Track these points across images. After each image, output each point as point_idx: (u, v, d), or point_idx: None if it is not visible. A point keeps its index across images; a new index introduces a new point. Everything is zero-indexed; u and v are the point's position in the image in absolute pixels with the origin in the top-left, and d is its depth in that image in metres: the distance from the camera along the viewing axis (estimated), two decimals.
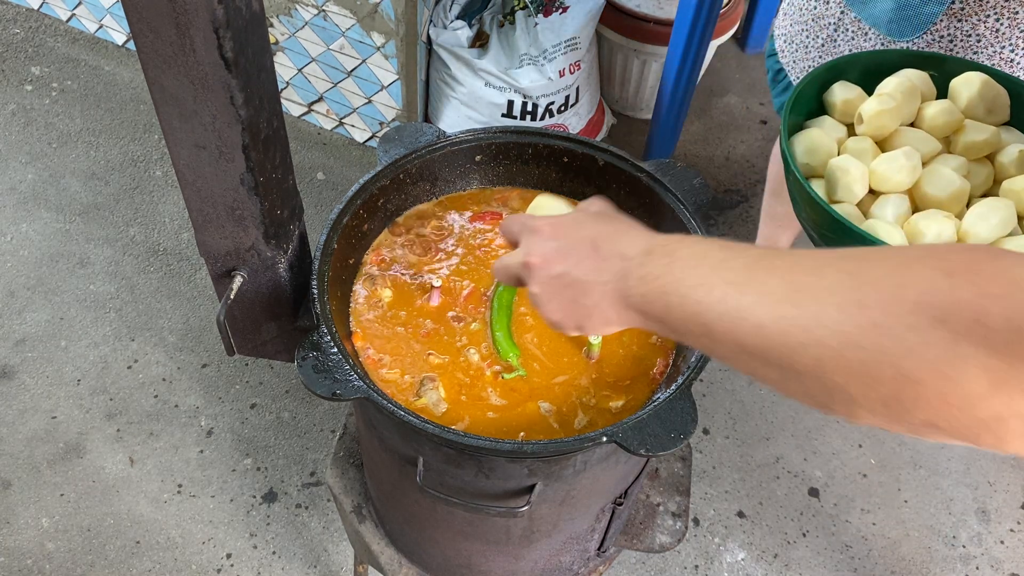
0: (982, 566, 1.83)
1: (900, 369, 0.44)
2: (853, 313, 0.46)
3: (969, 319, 0.42)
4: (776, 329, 0.50)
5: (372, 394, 0.89)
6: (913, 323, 0.44)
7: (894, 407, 0.46)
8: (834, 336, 0.47)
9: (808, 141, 1.04)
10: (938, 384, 0.43)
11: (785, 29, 1.52)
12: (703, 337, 0.56)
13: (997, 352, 0.41)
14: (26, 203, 2.35)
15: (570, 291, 0.67)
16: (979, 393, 0.42)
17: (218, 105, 0.79)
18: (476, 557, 1.21)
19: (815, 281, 0.49)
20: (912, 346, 0.44)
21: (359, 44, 2.22)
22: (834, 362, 0.47)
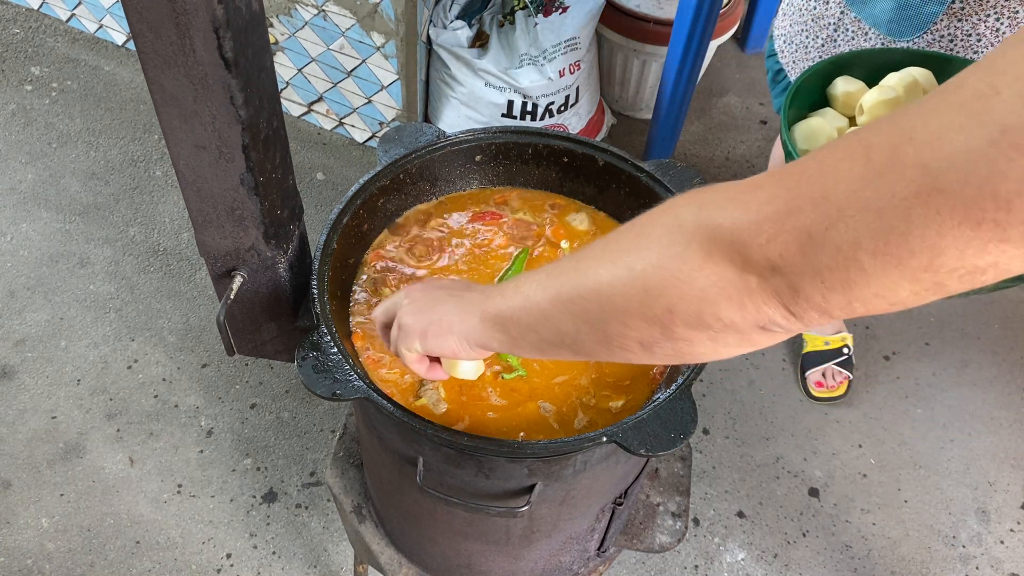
0: (982, 566, 1.83)
1: (648, 259, 0.55)
2: (624, 232, 0.59)
3: (695, 208, 0.53)
4: (576, 270, 0.61)
5: (372, 394, 0.89)
6: (661, 223, 0.55)
7: (645, 297, 0.55)
8: (611, 252, 0.59)
9: (808, 128, 1.05)
10: (671, 263, 0.53)
11: (785, 29, 1.52)
12: (540, 324, 0.65)
13: (708, 228, 0.51)
14: (26, 203, 2.35)
15: (430, 313, 0.78)
16: (697, 264, 0.52)
17: (218, 105, 0.79)
18: (476, 557, 1.21)
19: (612, 235, 0.61)
20: (657, 238, 0.55)
21: (359, 44, 2.22)
22: (609, 272, 0.58)
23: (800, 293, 0.48)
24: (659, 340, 0.57)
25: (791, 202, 0.46)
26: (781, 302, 0.49)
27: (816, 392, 2.04)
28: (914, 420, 2.04)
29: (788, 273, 0.47)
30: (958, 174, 0.38)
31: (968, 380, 2.11)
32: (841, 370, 2.03)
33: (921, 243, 0.41)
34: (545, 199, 1.21)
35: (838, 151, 0.45)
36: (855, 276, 0.44)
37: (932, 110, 0.41)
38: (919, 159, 0.40)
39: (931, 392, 2.09)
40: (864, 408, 2.05)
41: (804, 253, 0.46)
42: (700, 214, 0.52)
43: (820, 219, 0.45)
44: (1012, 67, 0.38)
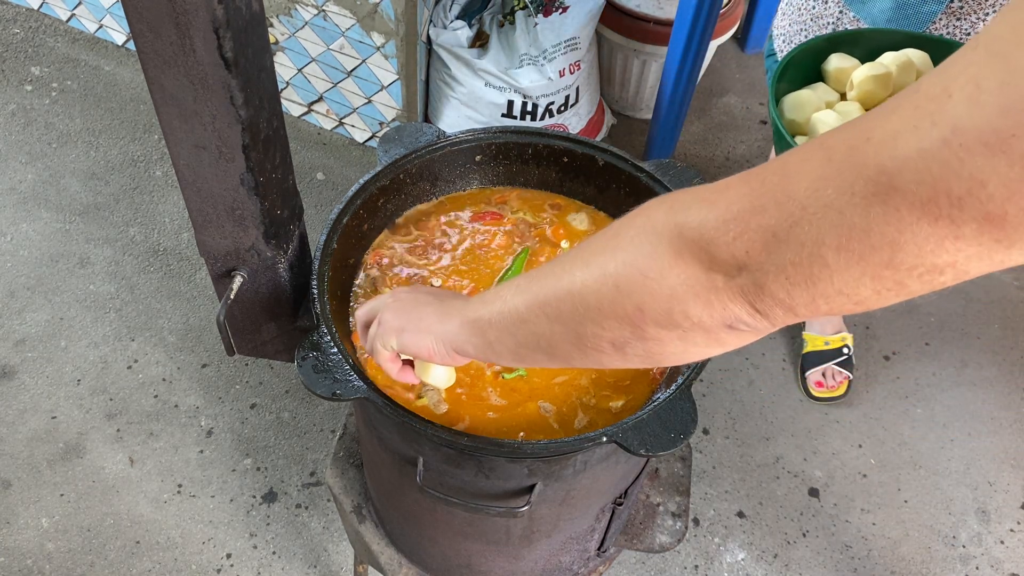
0: (982, 566, 1.83)
1: (620, 260, 0.56)
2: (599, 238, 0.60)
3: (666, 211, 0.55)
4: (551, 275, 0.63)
5: (372, 394, 0.89)
6: (634, 224, 0.57)
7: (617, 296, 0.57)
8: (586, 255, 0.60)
9: (796, 99, 1.05)
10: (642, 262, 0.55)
11: (784, 29, 1.52)
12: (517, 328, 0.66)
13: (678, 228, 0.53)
14: (26, 203, 2.35)
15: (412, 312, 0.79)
16: (667, 264, 0.53)
17: (218, 105, 0.79)
18: (476, 557, 1.20)
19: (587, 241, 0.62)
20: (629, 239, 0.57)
21: (359, 44, 2.22)
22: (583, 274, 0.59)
23: (765, 290, 0.49)
24: (630, 340, 0.58)
25: (756, 201, 0.48)
26: (747, 300, 0.51)
27: (816, 392, 2.04)
28: (914, 420, 2.04)
29: (753, 271, 0.49)
30: (913, 173, 0.40)
31: (968, 380, 2.11)
32: (841, 370, 2.03)
33: (881, 239, 0.42)
34: (545, 199, 1.21)
35: (801, 153, 0.47)
36: (818, 272, 0.46)
37: (891, 111, 0.42)
38: (877, 158, 0.42)
39: (931, 392, 2.09)
40: (864, 408, 2.05)
41: (768, 251, 0.47)
42: (671, 215, 0.54)
43: (784, 217, 0.46)
44: (964, 71, 0.39)
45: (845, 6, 1.36)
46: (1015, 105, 0.36)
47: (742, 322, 0.52)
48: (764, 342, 2.15)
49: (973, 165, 0.38)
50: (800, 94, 1.06)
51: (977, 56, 0.38)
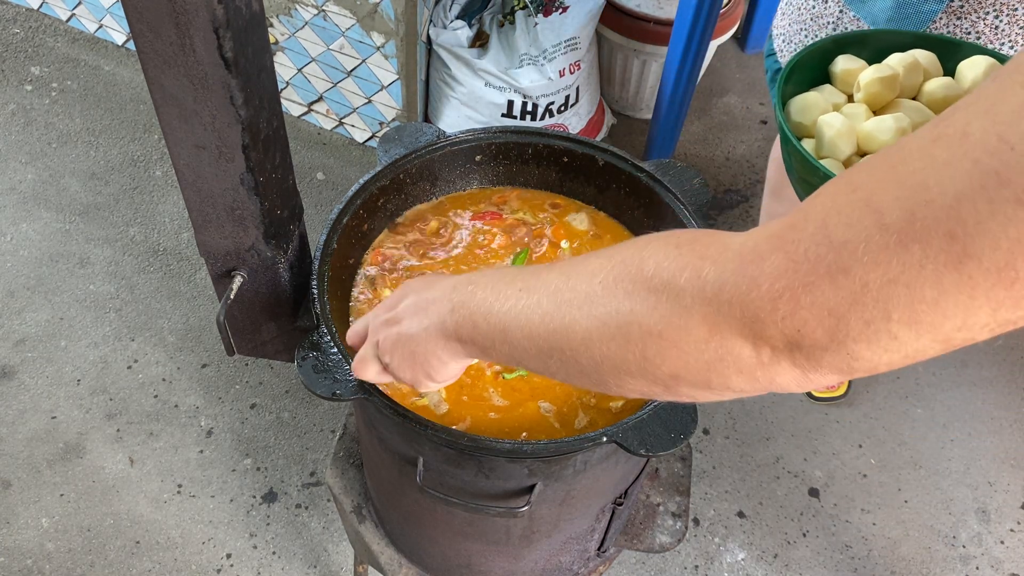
0: (982, 566, 1.83)
1: (643, 326, 0.52)
2: (610, 286, 0.55)
3: (691, 278, 0.50)
4: (557, 313, 0.58)
5: (372, 394, 0.89)
6: (652, 286, 0.52)
7: (645, 364, 0.53)
8: (597, 308, 0.56)
9: (802, 101, 1.05)
10: (672, 334, 0.51)
11: (784, 29, 1.52)
12: (504, 344, 0.63)
13: (712, 302, 0.49)
14: (26, 203, 2.35)
15: (407, 347, 0.73)
16: (702, 337, 0.50)
17: (218, 105, 0.79)
18: (476, 557, 1.20)
19: (583, 267, 0.58)
20: (652, 305, 0.52)
21: (359, 44, 2.22)
22: (599, 331, 0.55)
23: (822, 364, 0.46)
24: (661, 394, 0.56)
25: (804, 277, 0.44)
26: (798, 372, 0.48)
27: (816, 392, 2.04)
28: (914, 420, 2.04)
29: (809, 348, 0.46)
30: (987, 238, 0.37)
31: (968, 380, 2.11)
32: None
33: (955, 308, 0.40)
34: (545, 199, 1.21)
35: (842, 212, 0.43)
36: (886, 345, 0.43)
37: (944, 163, 0.39)
38: (944, 226, 0.38)
39: (931, 392, 2.09)
40: (864, 408, 2.05)
41: (827, 329, 0.44)
42: (700, 285, 0.50)
43: (842, 295, 0.43)
44: (1021, 115, 0.36)
45: (845, 5, 1.36)
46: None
47: (786, 389, 0.50)
48: None
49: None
50: (807, 96, 1.05)
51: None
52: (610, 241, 1.17)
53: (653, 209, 1.13)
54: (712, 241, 0.51)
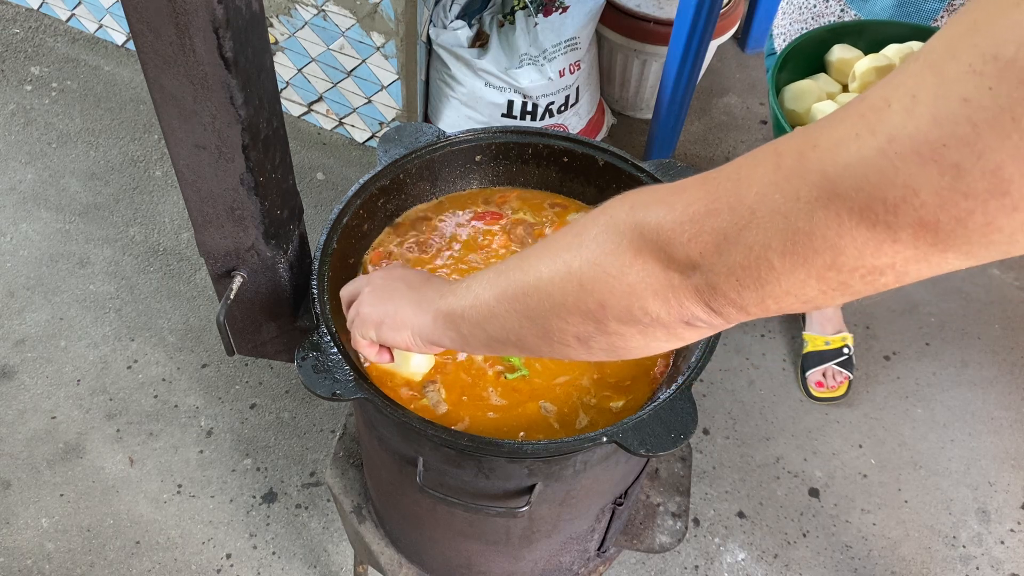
0: (982, 566, 1.83)
1: (582, 255, 0.59)
2: (563, 233, 0.62)
3: (627, 208, 0.57)
4: (518, 266, 0.66)
5: (372, 394, 0.89)
6: (597, 222, 0.59)
7: (580, 293, 0.59)
8: (549, 250, 0.63)
9: (797, 89, 1.04)
10: (604, 259, 0.57)
11: (784, 28, 1.52)
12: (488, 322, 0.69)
13: (637, 227, 0.55)
14: (26, 203, 2.35)
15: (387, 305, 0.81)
16: (627, 261, 0.55)
17: (218, 105, 0.79)
18: (476, 557, 1.20)
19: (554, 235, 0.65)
20: (593, 235, 0.58)
21: (359, 44, 2.22)
22: (548, 268, 0.62)
23: (717, 290, 0.51)
24: (594, 334, 0.60)
25: (710, 204, 0.50)
26: (701, 298, 0.53)
27: (816, 392, 2.04)
28: (914, 420, 2.04)
29: (706, 271, 0.51)
30: (852, 180, 0.42)
31: (968, 380, 2.11)
32: (841, 370, 2.03)
33: (823, 243, 0.44)
34: (545, 199, 1.21)
35: (754, 158, 0.49)
36: (766, 274, 0.48)
37: (838, 120, 0.43)
38: (821, 165, 0.43)
39: (931, 392, 2.09)
40: (864, 408, 2.05)
41: (720, 252, 0.49)
42: (632, 214, 0.56)
43: (735, 221, 0.48)
44: (904, 82, 0.40)
45: (846, 4, 1.36)
46: (946, 116, 0.37)
47: (698, 319, 0.55)
48: (764, 342, 2.15)
49: (907, 173, 0.39)
50: (801, 84, 1.05)
51: (916, 68, 0.40)
52: None
53: None
54: (654, 185, 0.58)
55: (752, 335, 2.16)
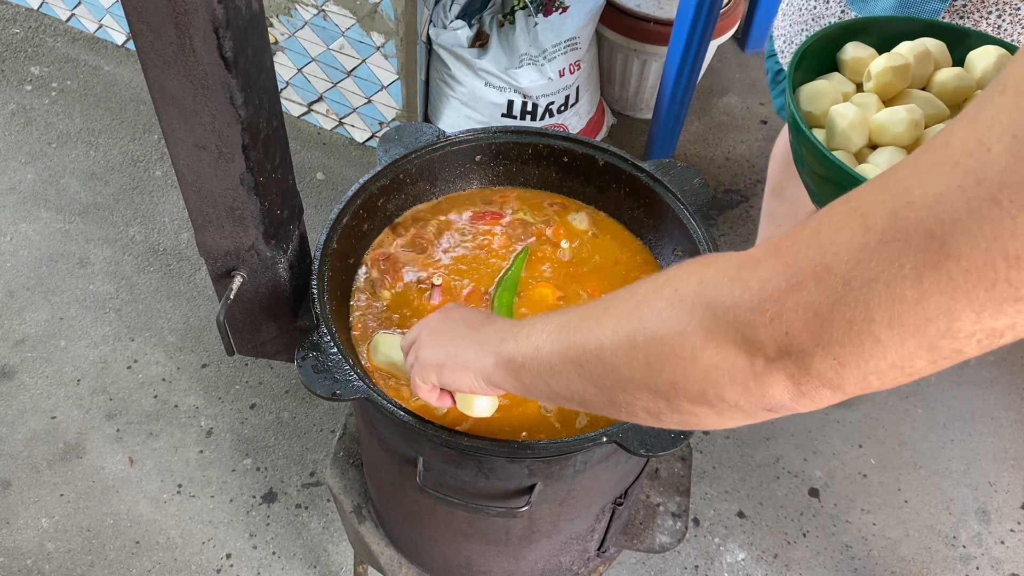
0: (982, 566, 1.83)
1: (648, 331, 0.55)
2: (626, 298, 0.59)
3: (695, 283, 0.53)
4: (580, 328, 0.62)
5: (372, 394, 0.89)
6: (661, 294, 0.55)
7: (648, 371, 0.55)
8: (612, 317, 0.59)
9: (812, 90, 1.04)
10: (672, 339, 0.53)
11: (784, 30, 1.52)
12: (550, 377, 0.66)
13: (709, 307, 0.51)
14: (26, 203, 2.35)
15: (447, 348, 0.79)
16: (699, 343, 0.51)
17: (218, 105, 0.79)
18: (476, 557, 1.20)
19: (615, 297, 0.62)
20: (658, 310, 0.55)
21: (359, 44, 2.22)
22: (611, 339, 0.58)
23: (811, 371, 0.46)
24: (664, 411, 0.57)
25: (791, 278, 0.45)
26: (790, 383, 0.48)
27: None
28: (914, 420, 2.04)
29: (796, 353, 0.46)
30: (965, 237, 0.38)
31: (968, 380, 2.11)
32: None
33: (936, 309, 0.40)
34: (545, 199, 1.21)
35: (833, 219, 0.44)
36: (870, 349, 0.43)
37: (927, 168, 0.40)
38: (923, 225, 0.39)
39: (931, 392, 2.09)
40: (864, 408, 2.05)
41: (811, 331, 0.45)
42: (701, 290, 0.52)
43: (825, 294, 0.43)
44: (996, 119, 0.37)
45: (847, 6, 1.36)
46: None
47: (782, 406, 0.50)
48: None
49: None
50: (816, 85, 1.04)
51: (1007, 102, 0.36)
52: (610, 241, 1.17)
53: (653, 209, 1.13)
54: (722, 254, 0.53)
55: None
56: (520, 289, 1.10)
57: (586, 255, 1.15)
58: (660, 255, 1.14)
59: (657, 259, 1.14)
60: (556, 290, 1.11)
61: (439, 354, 0.80)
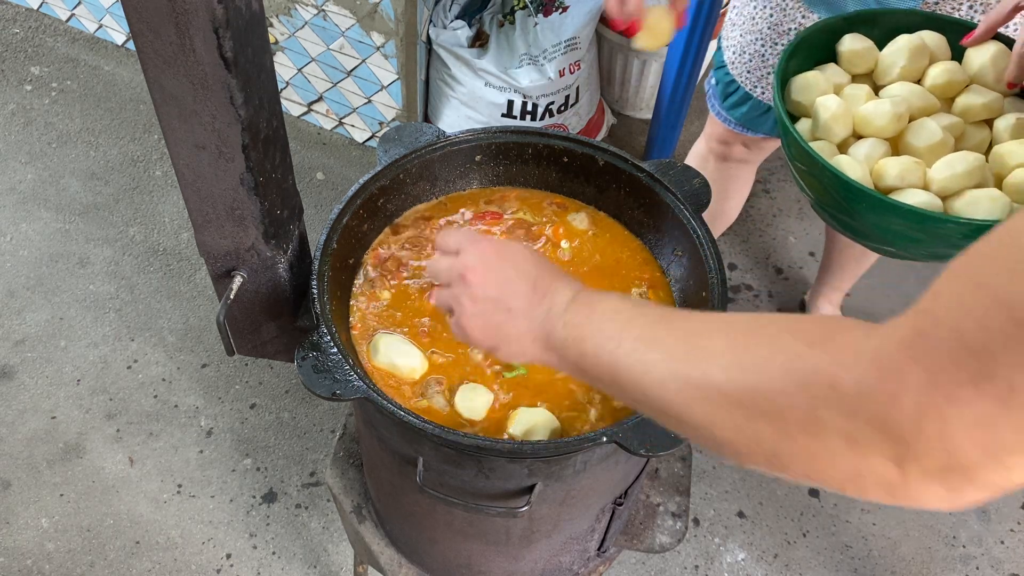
0: (982, 566, 1.83)
1: (775, 428, 0.49)
2: (735, 376, 0.52)
3: (825, 385, 0.47)
4: (674, 386, 0.56)
5: (372, 394, 0.89)
6: (781, 388, 0.49)
7: (775, 462, 0.51)
8: (720, 396, 0.53)
9: (803, 81, 1.04)
10: (806, 442, 0.48)
11: (734, 40, 1.48)
12: (612, 386, 0.63)
13: (849, 415, 0.45)
14: (26, 203, 2.35)
15: (499, 316, 0.73)
16: (838, 451, 0.46)
17: (218, 105, 0.79)
18: (476, 557, 1.20)
19: (707, 344, 0.56)
20: (782, 408, 0.49)
21: (359, 44, 2.22)
22: (721, 420, 0.53)
23: (977, 481, 0.43)
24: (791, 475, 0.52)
25: (947, 391, 0.41)
26: (947, 491, 0.44)
27: None
28: None
29: (963, 468, 0.43)
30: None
31: None
32: None
33: None
34: (545, 199, 1.21)
35: (973, 315, 0.41)
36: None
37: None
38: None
39: None
40: None
41: (979, 445, 0.41)
42: (834, 395, 0.46)
43: (989, 404, 0.40)
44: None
45: (807, 10, 1.32)
46: None
47: (931, 507, 0.46)
48: None
49: None
50: (807, 76, 1.05)
51: None
52: (610, 241, 1.17)
53: (653, 209, 1.13)
54: (846, 342, 0.48)
55: None
56: None
57: (586, 255, 1.15)
58: (660, 255, 1.14)
59: (657, 259, 1.14)
60: None
61: (489, 337, 0.74)
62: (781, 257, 2.32)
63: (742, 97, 1.51)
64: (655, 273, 1.13)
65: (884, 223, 0.94)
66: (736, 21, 1.47)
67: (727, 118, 1.58)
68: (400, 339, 1.04)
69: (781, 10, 1.35)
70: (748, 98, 1.50)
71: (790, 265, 2.30)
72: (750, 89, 1.48)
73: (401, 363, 1.01)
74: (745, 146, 1.64)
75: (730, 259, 2.32)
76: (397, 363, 1.01)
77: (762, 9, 1.39)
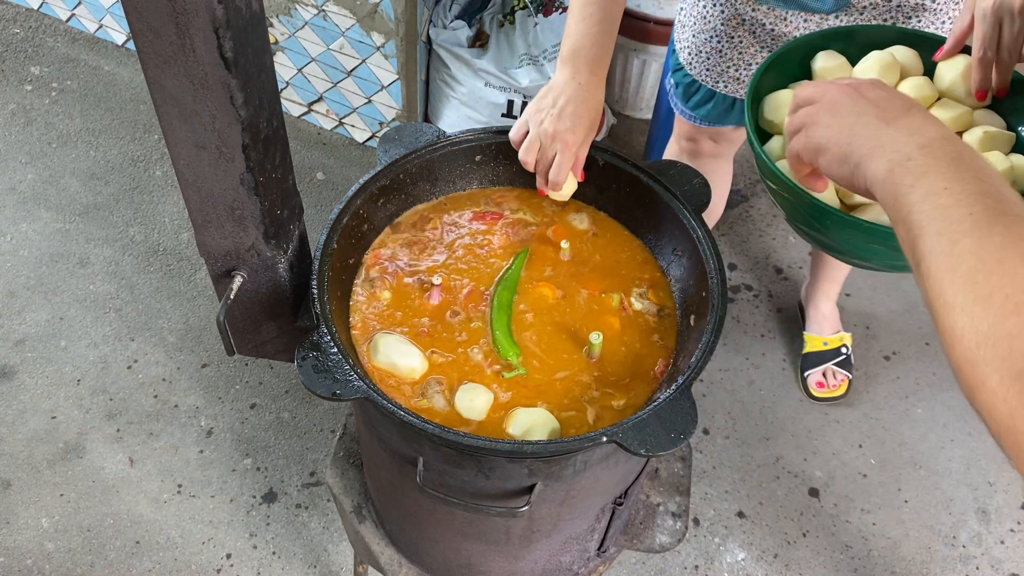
0: (982, 566, 1.83)
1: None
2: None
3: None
4: (957, 303, 0.56)
5: (372, 394, 0.89)
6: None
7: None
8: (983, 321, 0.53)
9: (776, 100, 1.05)
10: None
11: (688, 42, 1.47)
12: (908, 249, 0.60)
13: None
14: (26, 203, 2.35)
15: (856, 126, 0.70)
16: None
17: (218, 105, 0.79)
18: (476, 557, 1.21)
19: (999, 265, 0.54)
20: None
21: (359, 44, 2.22)
22: (973, 343, 0.54)
23: None
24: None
25: None
26: None
27: (817, 392, 2.03)
28: (914, 420, 2.04)
29: None
30: None
31: None
32: (841, 370, 2.03)
33: None
34: (545, 199, 1.21)
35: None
36: None
37: None
38: None
39: (931, 392, 2.09)
40: (864, 408, 2.05)
41: None
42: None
43: None
44: None
45: (756, 2, 1.31)
46: None
47: None
48: (764, 342, 2.15)
49: None
50: (780, 94, 1.05)
51: None
52: (610, 241, 1.17)
53: (653, 209, 1.13)
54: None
55: (752, 335, 2.16)
56: (520, 289, 1.11)
57: (586, 255, 1.15)
58: (660, 255, 1.14)
59: (657, 259, 1.14)
60: (556, 290, 1.11)
61: (829, 137, 0.72)
62: (781, 257, 2.32)
63: (706, 95, 1.52)
64: (655, 273, 1.13)
65: (852, 239, 0.94)
66: (686, 22, 1.47)
67: (692, 116, 1.58)
68: (400, 339, 1.04)
69: (731, 5, 1.35)
70: (712, 95, 1.51)
71: (790, 265, 2.31)
72: (712, 86, 1.49)
73: (401, 363, 1.01)
74: (712, 140, 1.65)
75: (730, 259, 2.32)
76: (397, 363, 1.01)
77: (712, 7, 1.39)
